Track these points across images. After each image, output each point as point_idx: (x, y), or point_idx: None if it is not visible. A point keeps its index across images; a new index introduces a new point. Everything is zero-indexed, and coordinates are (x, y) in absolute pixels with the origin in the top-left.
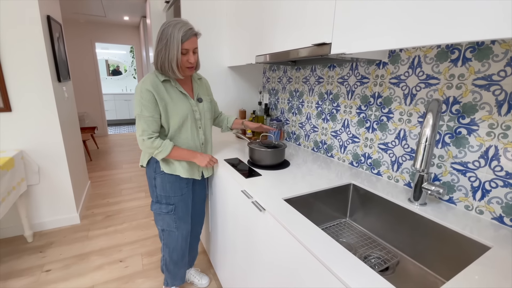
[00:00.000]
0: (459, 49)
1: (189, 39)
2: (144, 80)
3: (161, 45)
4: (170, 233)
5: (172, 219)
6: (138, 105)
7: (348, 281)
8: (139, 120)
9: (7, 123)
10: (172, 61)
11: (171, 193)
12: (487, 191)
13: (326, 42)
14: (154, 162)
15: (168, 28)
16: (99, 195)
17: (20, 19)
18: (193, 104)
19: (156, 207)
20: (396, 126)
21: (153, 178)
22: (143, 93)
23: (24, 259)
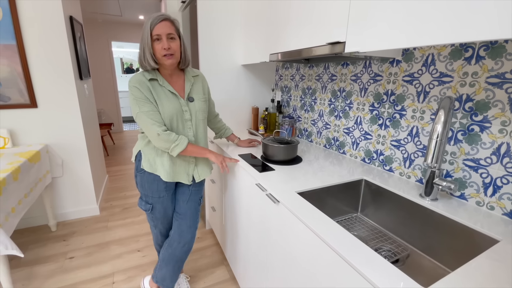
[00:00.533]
0: (473, 48)
1: (159, 23)
2: (131, 79)
3: (141, 41)
4: (151, 228)
5: (150, 217)
6: (134, 104)
7: (363, 270)
8: (140, 118)
9: (33, 118)
10: (145, 50)
11: (149, 193)
12: (498, 187)
13: (340, 41)
14: (138, 160)
15: (145, 23)
16: (117, 188)
17: (45, 20)
18: (183, 104)
19: (139, 202)
20: (409, 123)
21: (135, 175)
22: (132, 90)
23: (49, 246)
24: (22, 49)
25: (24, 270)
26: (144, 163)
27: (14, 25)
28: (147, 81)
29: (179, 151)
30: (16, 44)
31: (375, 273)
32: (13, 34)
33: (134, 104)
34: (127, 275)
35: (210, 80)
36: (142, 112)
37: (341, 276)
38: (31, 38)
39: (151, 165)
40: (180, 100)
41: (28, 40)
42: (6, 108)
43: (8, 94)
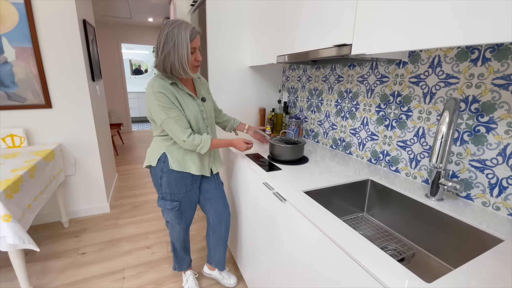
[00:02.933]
0: (479, 49)
1: (196, 37)
2: (153, 84)
3: (167, 48)
4: (173, 226)
5: (175, 214)
6: (161, 110)
7: (371, 268)
8: (168, 124)
9: (48, 118)
10: (182, 60)
11: (175, 190)
12: (504, 187)
13: (347, 43)
14: (161, 162)
15: (173, 30)
16: (126, 187)
17: (60, 23)
18: (199, 104)
19: (161, 203)
20: (415, 124)
21: (159, 177)
22: (157, 96)
23: (62, 242)
24: (37, 52)
25: (38, 264)
26: (173, 164)
27: (30, 28)
28: (169, 85)
29: (206, 150)
30: (32, 47)
31: (381, 271)
32: (29, 37)
33: (160, 111)
34: (137, 271)
35: (218, 81)
36: (170, 118)
37: (347, 274)
38: (47, 41)
39: (180, 164)
40: (197, 101)
41: (43, 43)
42: (22, 109)
43: (24, 95)
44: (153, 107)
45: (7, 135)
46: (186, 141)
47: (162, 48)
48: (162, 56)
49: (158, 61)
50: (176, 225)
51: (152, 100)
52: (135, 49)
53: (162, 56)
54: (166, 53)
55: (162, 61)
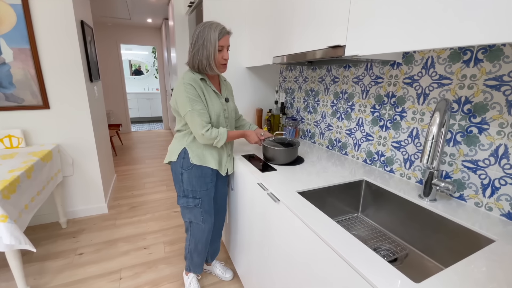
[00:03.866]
0: (471, 51)
1: (224, 36)
2: (184, 76)
3: (197, 45)
4: (198, 226)
5: (199, 212)
6: (187, 102)
7: (360, 268)
8: (192, 116)
9: (45, 119)
10: (209, 57)
11: (197, 187)
12: (496, 188)
13: (341, 45)
14: (181, 158)
15: (204, 30)
16: (124, 187)
17: (57, 24)
18: (223, 103)
19: (183, 201)
20: (409, 124)
21: (179, 173)
22: (187, 87)
23: (59, 243)
24: (35, 53)
25: (35, 265)
26: (193, 158)
27: (28, 29)
28: (199, 79)
29: (222, 143)
30: (29, 48)
31: (370, 271)
32: (27, 38)
33: (186, 102)
34: (134, 271)
35: None
36: (194, 111)
37: (338, 274)
38: (44, 42)
39: (200, 159)
40: (221, 99)
41: (41, 44)
42: (20, 109)
43: (22, 96)
44: (180, 98)
45: (5, 136)
46: (204, 135)
47: (193, 46)
48: (192, 53)
49: (188, 58)
50: (201, 223)
51: (180, 91)
52: (134, 49)
53: (192, 53)
54: (196, 50)
55: (192, 57)
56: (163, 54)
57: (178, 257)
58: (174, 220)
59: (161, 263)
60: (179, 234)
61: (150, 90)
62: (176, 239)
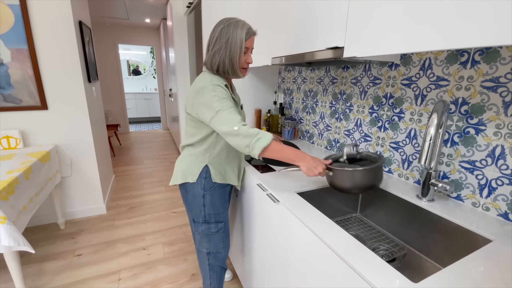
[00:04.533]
0: (468, 52)
1: (251, 37)
2: (211, 79)
3: (219, 43)
4: (217, 255)
5: (220, 238)
6: (216, 101)
7: (359, 268)
8: (221, 116)
9: (43, 120)
10: (234, 59)
11: (220, 210)
12: (493, 188)
13: (339, 46)
14: (202, 178)
15: (228, 27)
16: (123, 188)
17: (56, 25)
18: (240, 112)
19: (204, 228)
20: (407, 125)
21: (201, 196)
22: (216, 87)
23: (58, 244)
24: (33, 53)
25: (34, 266)
26: (216, 177)
27: (26, 30)
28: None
29: (263, 145)
30: (27, 48)
31: (369, 271)
32: (25, 39)
33: (215, 102)
34: (133, 272)
35: None
36: (223, 109)
37: (337, 274)
38: (42, 43)
39: (223, 176)
40: (238, 107)
41: (39, 45)
42: (18, 110)
43: (20, 97)
44: (206, 98)
45: (3, 136)
46: (240, 129)
47: (213, 44)
48: (212, 52)
49: (207, 57)
50: (221, 251)
51: (207, 91)
52: (132, 49)
53: (212, 52)
54: (217, 49)
55: (211, 57)
56: (161, 54)
57: (177, 258)
58: (173, 221)
59: (160, 264)
60: (178, 234)
61: (148, 90)
62: (175, 239)
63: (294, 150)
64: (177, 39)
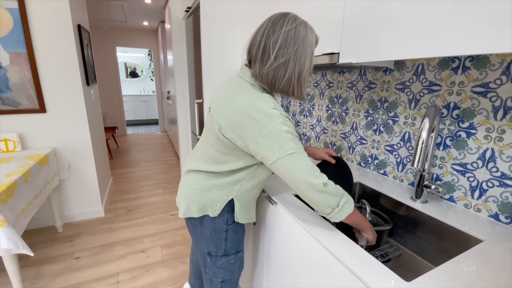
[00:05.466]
0: (459, 59)
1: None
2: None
3: (288, 53)
4: (231, 281)
5: (237, 265)
6: (290, 140)
7: (355, 269)
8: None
9: (42, 123)
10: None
11: (241, 240)
12: (484, 190)
13: (335, 52)
14: (226, 211)
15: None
16: (121, 190)
17: (54, 28)
18: None
19: (224, 261)
20: (401, 129)
21: (223, 231)
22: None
23: (56, 247)
24: (32, 57)
25: (32, 269)
26: (239, 215)
27: (25, 33)
28: None
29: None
30: (26, 52)
31: (364, 271)
32: (23, 42)
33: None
34: (131, 275)
35: (212, 86)
36: (299, 153)
37: (334, 275)
38: (41, 46)
39: (249, 215)
40: None
41: (38, 48)
42: (16, 113)
43: (18, 100)
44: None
45: (1, 139)
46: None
47: (277, 52)
48: (276, 64)
49: (266, 69)
50: (235, 275)
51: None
52: (130, 52)
53: (276, 64)
54: (284, 60)
55: (273, 70)
56: (159, 56)
57: (175, 260)
58: (171, 223)
59: (159, 266)
60: (177, 237)
61: (146, 93)
62: (174, 242)
63: (366, 220)
64: (175, 42)
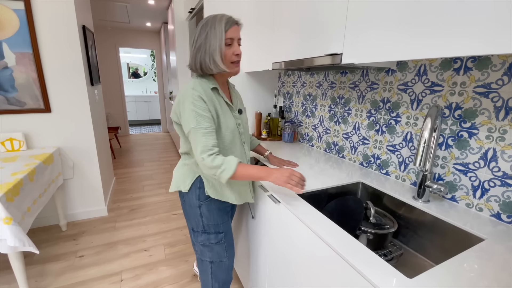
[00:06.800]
0: (461, 59)
1: (232, 26)
2: (194, 86)
3: (199, 41)
4: (221, 264)
5: (222, 248)
6: (193, 117)
7: (359, 266)
8: (195, 135)
9: (47, 122)
10: (214, 53)
11: (219, 221)
12: (486, 190)
13: (338, 53)
14: (196, 188)
15: (207, 23)
16: (124, 190)
17: (60, 29)
18: (236, 116)
19: (204, 238)
20: (404, 129)
21: (197, 206)
22: (196, 101)
23: (60, 245)
24: (37, 57)
25: (36, 267)
26: (209, 190)
27: (31, 34)
28: (210, 90)
29: (227, 176)
30: (32, 52)
31: (367, 268)
32: (29, 43)
33: (191, 117)
34: (134, 273)
35: None
36: (198, 129)
37: (337, 272)
38: (46, 47)
39: (217, 191)
40: (233, 112)
41: (43, 49)
42: (22, 113)
43: (23, 100)
44: (186, 111)
45: (6, 139)
46: (204, 160)
47: (194, 43)
48: (194, 51)
49: (191, 57)
50: (225, 260)
51: (187, 103)
52: (132, 52)
53: (194, 51)
54: (197, 47)
55: (193, 57)
56: (161, 57)
57: (178, 259)
58: (173, 223)
59: (162, 265)
60: (179, 236)
61: (148, 93)
62: (176, 241)
63: (257, 169)
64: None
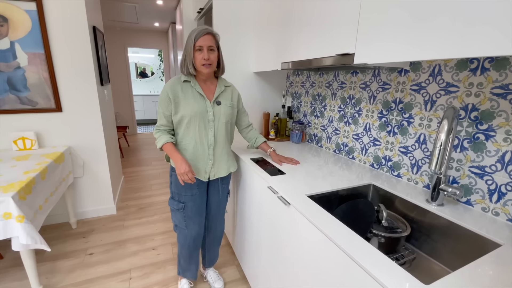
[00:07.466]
0: (478, 60)
1: (202, 36)
2: (168, 82)
3: (184, 48)
4: (181, 230)
5: (182, 217)
6: (159, 104)
7: (371, 269)
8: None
9: (58, 122)
10: (187, 57)
11: (182, 191)
12: (503, 194)
13: (350, 53)
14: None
15: (189, 34)
16: (132, 189)
17: (71, 30)
18: (208, 105)
19: (171, 203)
20: (416, 130)
21: (170, 174)
22: (162, 92)
23: (70, 243)
24: (49, 57)
25: (47, 264)
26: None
27: (43, 35)
28: (181, 82)
29: (158, 147)
30: (44, 52)
31: (381, 273)
32: (41, 43)
33: (158, 104)
34: (143, 271)
35: None
36: (159, 112)
37: (349, 275)
38: (58, 47)
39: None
40: (206, 102)
41: (55, 49)
42: (34, 112)
43: (35, 99)
44: None
45: (19, 138)
46: (154, 131)
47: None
48: (182, 56)
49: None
50: (183, 229)
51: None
52: (140, 52)
53: (182, 56)
54: (183, 53)
55: (181, 61)
56: (169, 57)
57: None
58: None
59: (170, 264)
60: None
61: (156, 93)
62: None
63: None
64: None
